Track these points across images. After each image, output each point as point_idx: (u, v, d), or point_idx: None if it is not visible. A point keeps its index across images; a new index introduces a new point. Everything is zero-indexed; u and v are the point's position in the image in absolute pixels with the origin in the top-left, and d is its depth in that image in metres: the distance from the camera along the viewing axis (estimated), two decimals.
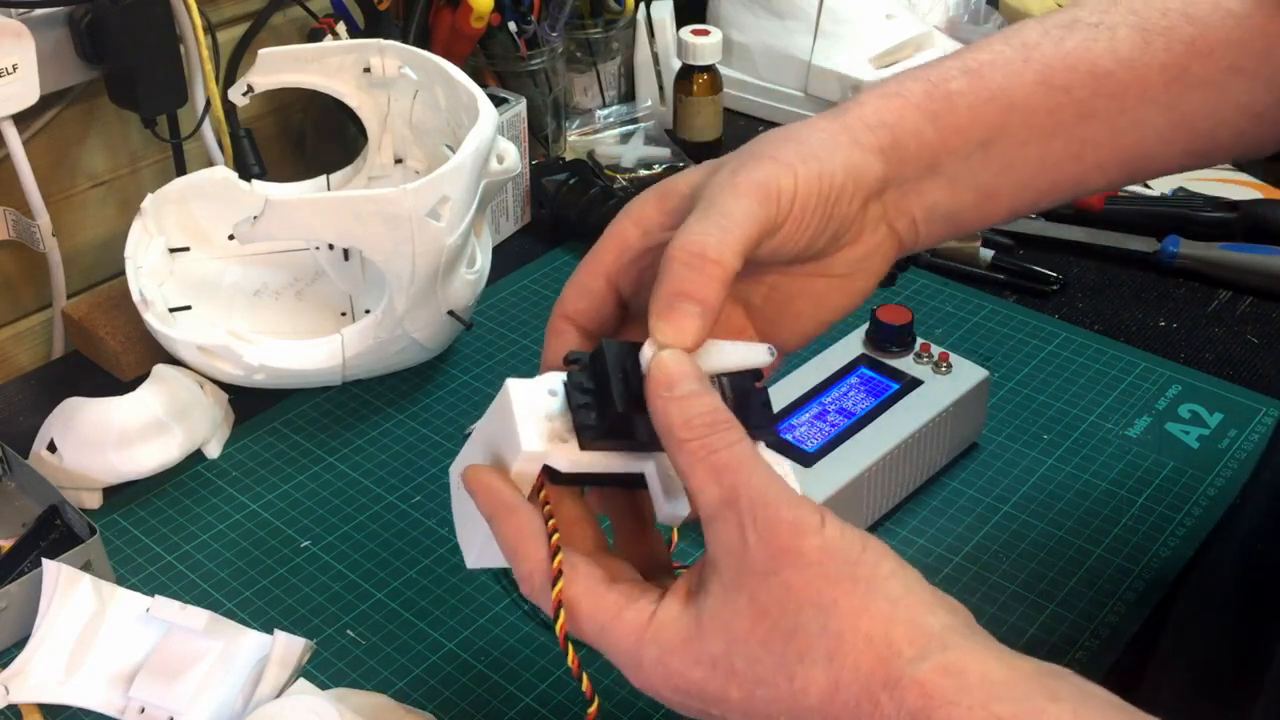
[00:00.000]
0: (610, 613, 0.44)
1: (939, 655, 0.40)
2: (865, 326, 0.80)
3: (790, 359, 0.88)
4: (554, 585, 0.45)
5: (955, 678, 0.39)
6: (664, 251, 0.46)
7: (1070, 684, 0.39)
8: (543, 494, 0.47)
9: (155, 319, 0.82)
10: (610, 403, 0.45)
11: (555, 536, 0.45)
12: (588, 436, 0.46)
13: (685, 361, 0.45)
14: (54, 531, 0.70)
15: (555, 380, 0.47)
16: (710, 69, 1.14)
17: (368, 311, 0.87)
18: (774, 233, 0.48)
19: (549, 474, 0.47)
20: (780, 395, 0.75)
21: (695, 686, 0.43)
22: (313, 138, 1.10)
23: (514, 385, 0.47)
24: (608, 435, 0.45)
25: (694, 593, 0.44)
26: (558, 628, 0.45)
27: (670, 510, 0.47)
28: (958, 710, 0.38)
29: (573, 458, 0.46)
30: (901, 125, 0.52)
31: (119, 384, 0.87)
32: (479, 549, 0.50)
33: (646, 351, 0.45)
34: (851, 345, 0.80)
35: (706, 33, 1.13)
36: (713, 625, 0.43)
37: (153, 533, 0.75)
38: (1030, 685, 0.39)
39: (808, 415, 0.74)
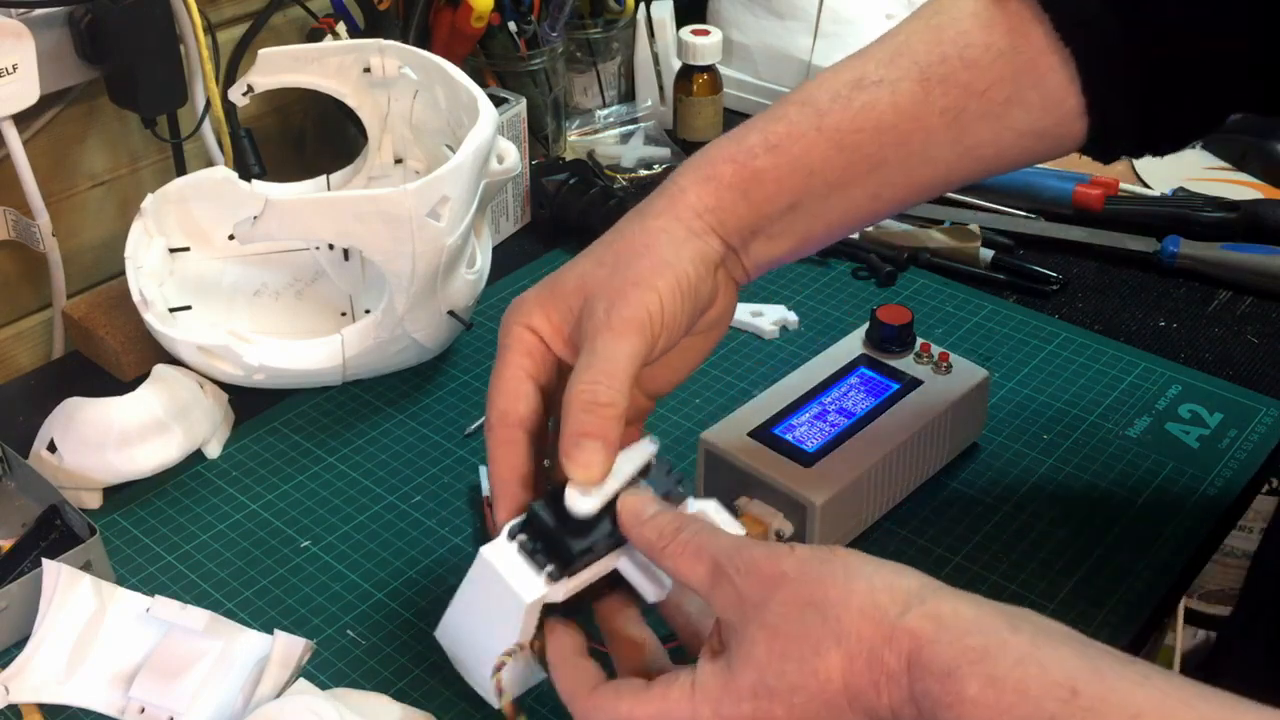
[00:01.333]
0: (658, 701, 0.50)
1: (918, 607, 0.46)
2: (865, 326, 0.80)
3: (791, 359, 0.88)
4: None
5: (934, 620, 0.46)
6: (564, 396, 0.55)
7: (1030, 620, 0.46)
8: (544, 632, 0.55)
9: (155, 319, 0.82)
10: (566, 544, 0.54)
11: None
12: (563, 569, 0.54)
13: (638, 496, 0.54)
14: (54, 531, 0.71)
15: (505, 539, 0.55)
16: (710, 69, 1.14)
17: (368, 311, 0.87)
18: (653, 349, 0.57)
19: (547, 610, 0.55)
20: (780, 395, 0.75)
21: (750, 719, 0.48)
22: (313, 138, 1.10)
23: (489, 551, 0.55)
24: (576, 562, 0.54)
25: (718, 651, 0.50)
26: None
27: (652, 587, 0.55)
28: (938, 646, 0.45)
29: (564, 586, 0.54)
30: (721, 207, 0.60)
31: (119, 384, 0.87)
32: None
33: (569, 495, 0.53)
34: (851, 345, 0.80)
35: (706, 33, 1.13)
36: (741, 663, 0.49)
37: (153, 533, 0.75)
38: (995, 620, 0.45)
39: (808, 415, 0.74)
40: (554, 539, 0.54)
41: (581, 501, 0.54)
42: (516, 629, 0.55)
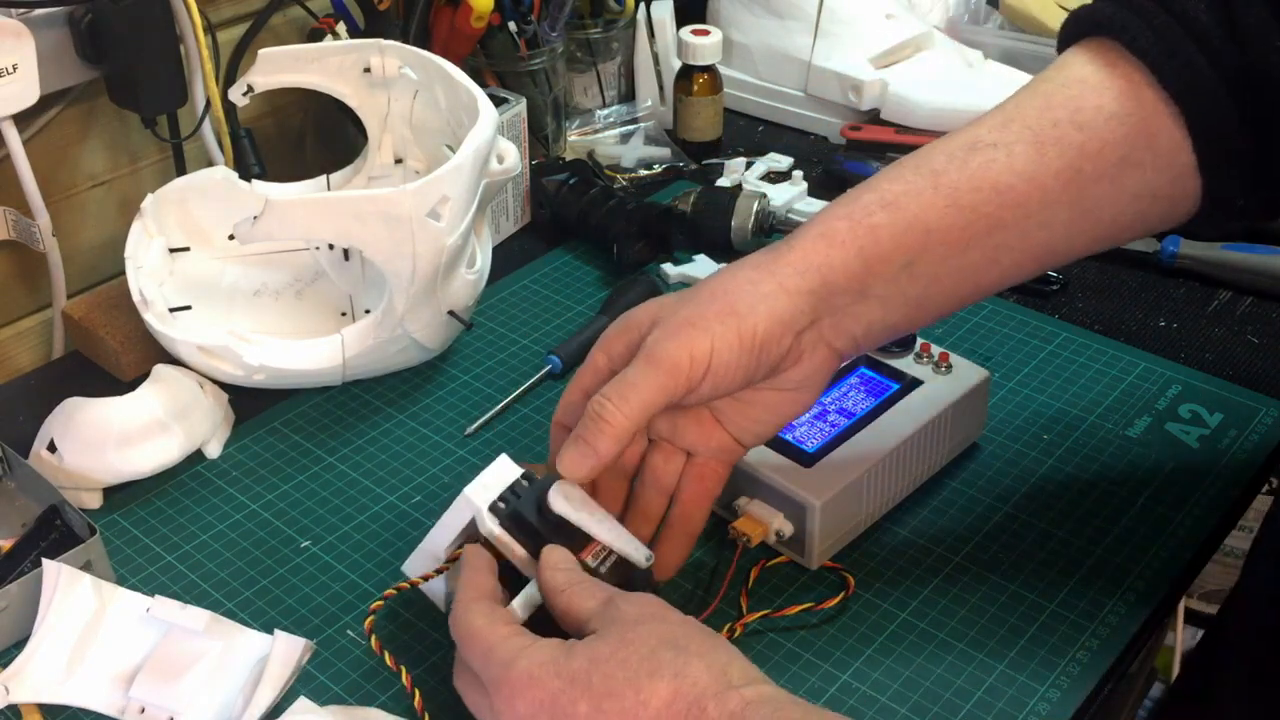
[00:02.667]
0: (496, 638, 0.56)
1: (760, 686, 0.52)
2: None
3: None
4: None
5: (768, 699, 0.51)
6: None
7: None
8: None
9: (155, 319, 0.82)
10: (528, 519, 0.62)
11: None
12: (504, 519, 0.62)
13: (563, 550, 0.60)
14: (54, 531, 0.70)
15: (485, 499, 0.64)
16: (710, 69, 1.14)
17: (368, 311, 0.87)
18: (690, 391, 0.60)
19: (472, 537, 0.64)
20: None
21: (549, 697, 0.52)
22: (313, 138, 1.10)
23: (469, 489, 0.63)
24: (515, 526, 0.62)
25: (571, 642, 0.55)
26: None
27: (517, 614, 0.60)
28: (761, 710, 0.50)
29: (507, 539, 0.62)
30: (829, 265, 0.60)
31: (119, 384, 0.87)
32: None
33: (551, 491, 0.61)
34: None
35: (706, 33, 1.13)
36: (581, 650, 0.53)
37: (153, 533, 0.75)
38: (819, 712, 0.53)
39: (808, 415, 0.74)
40: (525, 512, 0.62)
41: (557, 501, 0.61)
42: (457, 535, 0.64)
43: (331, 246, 0.93)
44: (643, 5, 1.20)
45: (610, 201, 1.00)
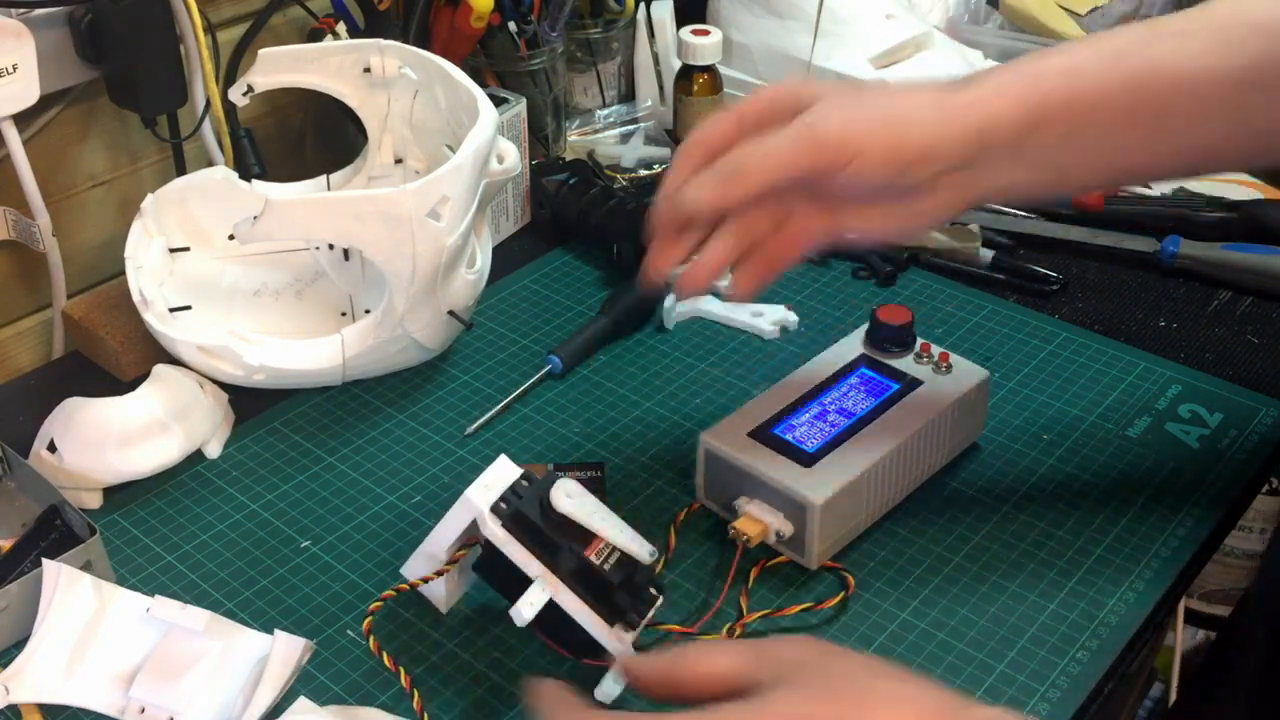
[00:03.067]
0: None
1: (985, 708, 0.52)
2: (865, 326, 0.80)
3: (791, 359, 0.88)
4: None
5: (1001, 715, 0.51)
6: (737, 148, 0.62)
7: None
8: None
9: (155, 319, 0.82)
10: (530, 518, 0.62)
11: None
12: (506, 520, 0.62)
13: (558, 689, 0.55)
14: (54, 531, 0.70)
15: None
16: (710, 69, 1.14)
17: (368, 311, 0.87)
18: (828, 176, 0.61)
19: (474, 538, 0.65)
20: (780, 395, 0.76)
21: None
22: (313, 138, 1.10)
23: (470, 491, 0.63)
24: (517, 526, 0.62)
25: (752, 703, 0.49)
26: None
27: (522, 614, 0.60)
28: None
29: (494, 529, 0.62)
30: (998, 115, 0.61)
31: (119, 384, 0.87)
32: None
33: (555, 491, 0.62)
34: (851, 345, 0.80)
35: (706, 33, 1.13)
36: (778, 704, 0.48)
37: (153, 533, 0.75)
38: None
39: (808, 415, 0.74)
40: (528, 512, 0.62)
41: (560, 499, 0.62)
42: (458, 536, 0.64)
43: (331, 246, 0.93)
44: (643, 5, 1.20)
45: (610, 201, 1.00)
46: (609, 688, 0.61)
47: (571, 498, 0.62)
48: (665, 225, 0.66)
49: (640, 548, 0.62)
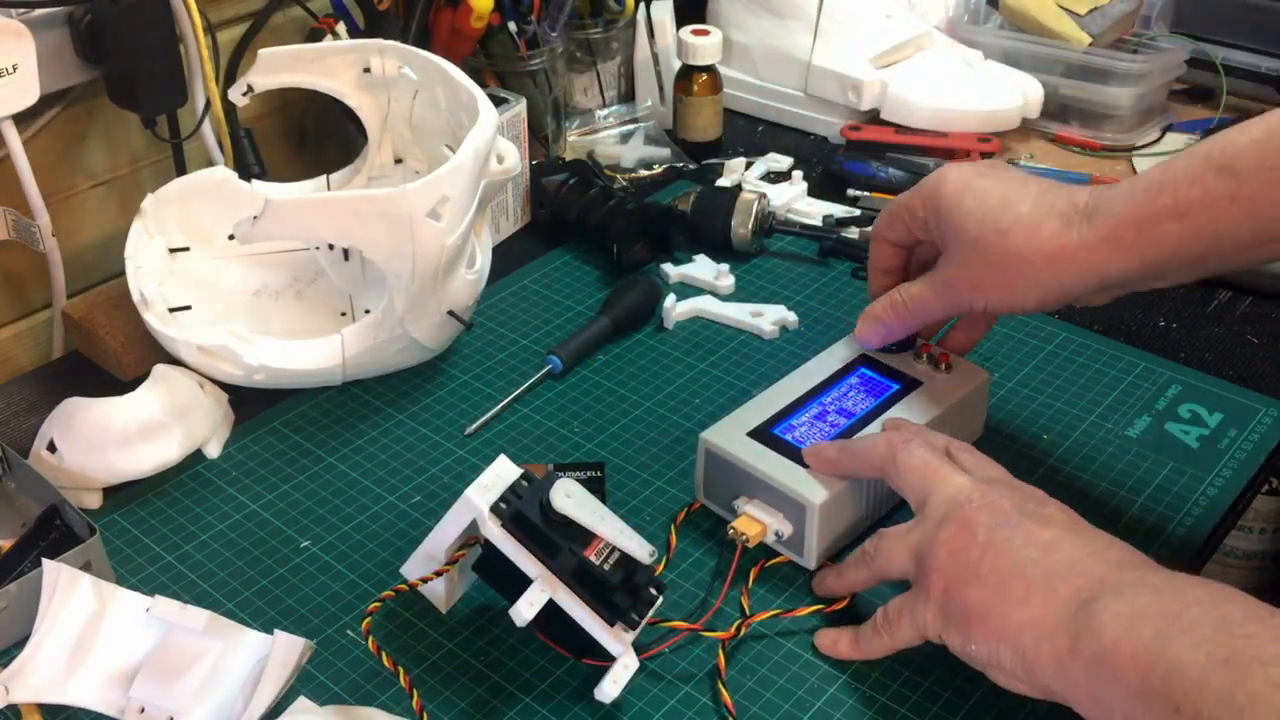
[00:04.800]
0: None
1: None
2: None
3: (791, 359, 0.88)
4: None
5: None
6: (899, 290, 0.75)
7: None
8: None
9: (155, 319, 0.82)
10: (529, 518, 0.62)
11: None
12: (506, 520, 0.62)
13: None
14: (54, 531, 0.70)
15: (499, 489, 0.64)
16: (710, 69, 1.14)
17: (368, 311, 0.87)
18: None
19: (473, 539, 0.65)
20: (780, 395, 0.76)
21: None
22: (313, 138, 1.10)
23: (469, 490, 0.63)
24: (517, 526, 0.62)
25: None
26: None
27: (522, 614, 0.60)
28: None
29: (494, 529, 0.62)
30: (1110, 269, 0.65)
31: (119, 384, 0.87)
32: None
33: (554, 491, 0.62)
34: (851, 345, 0.80)
35: (706, 33, 1.13)
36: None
37: (153, 533, 0.75)
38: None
39: (808, 415, 0.74)
40: (527, 513, 0.62)
41: (560, 499, 0.61)
42: (458, 536, 0.64)
43: (331, 246, 0.93)
44: (643, 5, 1.20)
45: (610, 201, 1.00)
46: (609, 688, 0.61)
47: (571, 497, 0.62)
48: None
49: (640, 548, 0.62)
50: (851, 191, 1.09)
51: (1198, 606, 0.50)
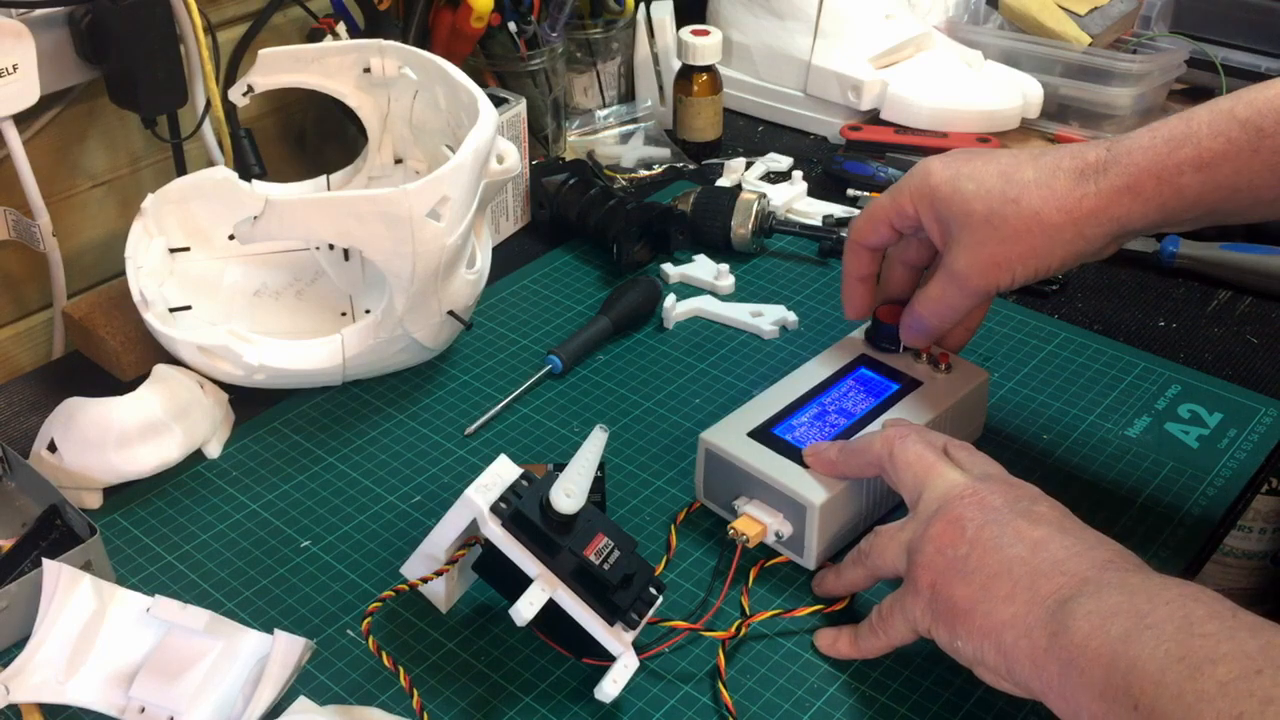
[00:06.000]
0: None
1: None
2: (865, 326, 0.80)
3: (791, 359, 0.88)
4: None
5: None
6: (914, 296, 0.75)
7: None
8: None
9: (155, 319, 0.82)
10: (528, 516, 0.62)
11: None
12: (505, 519, 0.62)
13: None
14: (54, 531, 0.70)
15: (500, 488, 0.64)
16: (710, 69, 1.14)
17: (368, 311, 0.88)
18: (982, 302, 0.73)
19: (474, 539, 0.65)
20: (780, 395, 0.76)
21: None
22: (313, 138, 1.10)
23: (469, 490, 0.63)
24: (517, 526, 0.62)
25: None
26: None
27: (522, 614, 0.60)
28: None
29: (494, 529, 0.62)
30: (1130, 217, 0.65)
31: (119, 384, 0.87)
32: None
33: (554, 491, 0.62)
34: (852, 345, 0.80)
35: (706, 33, 1.13)
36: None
37: (153, 533, 0.75)
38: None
39: (808, 415, 0.74)
40: (527, 512, 0.62)
41: (560, 499, 0.61)
42: (458, 535, 0.64)
43: (331, 246, 0.93)
44: (643, 5, 1.20)
45: (610, 201, 1.00)
46: (609, 688, 0.61)
47: (571, 497, 0.62)
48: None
49: (596, 439, 0.63)
50: (851, 191, 1.10)
51: (1166, 606, 0.50)
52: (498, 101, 0.99)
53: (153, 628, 0.66)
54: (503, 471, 0.64)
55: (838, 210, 1.06)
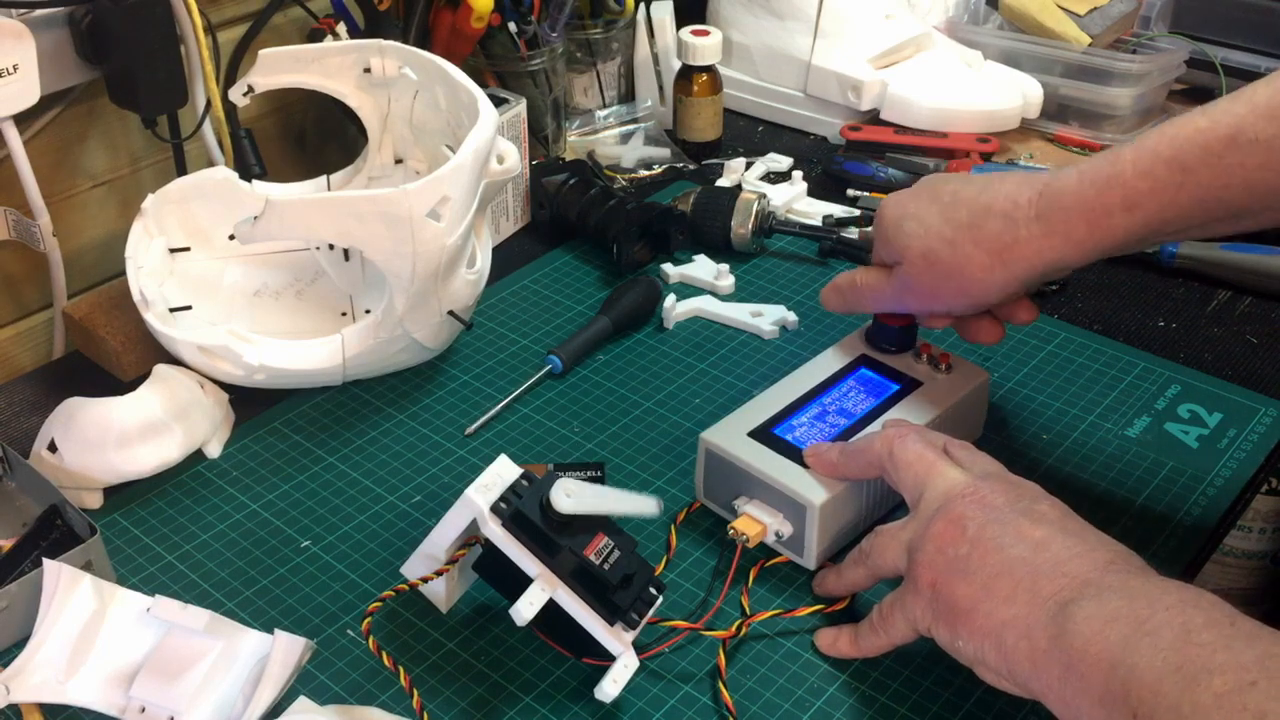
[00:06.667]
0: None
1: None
2: (865, 326, 0.80)
3: (791, 359, 0.88)
4: None
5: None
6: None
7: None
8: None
9: (155, 319, 0.82)
10: (527, 516, 0.62)
11: None
12: (506, 519, 0.62)
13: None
14: (54, 531, 0.71)
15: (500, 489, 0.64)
16: (710, 69, 1.14)
17: (368, 311, 0.88)
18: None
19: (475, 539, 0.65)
20: (780, 395, 0.76)
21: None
22: (313, 138, 1.10)
23: (470, 490, 0.63)
24: (517, 526, 0.62)
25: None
26: None
27: (522, 614, 0.60)
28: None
29: (494, 529, 0.62)
30: (1062, 259, 0.67)
31: (119, 384, 0.87)
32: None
33: (554, 491, 0.62)
34: (852, 345, 0.80)
35: (706, 33, 1.13)
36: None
37: (153, 533, 0.75)
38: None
39: (808, 415, 0.74)
40: (528, 512, 0.62)
41: (560, 499, 0.61)
42: (458, 535, 0.64)
43: (331, 246, 0.93)
44: (643, 5, 1.20)
45: (610, 201, 1.00)
46: (609, 688, 0.61)
47: (571, 497, 0.62)
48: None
49: (648, 506, 0.63)
50: (851, 191, 1.10)
51: (1165, 612, 0.51)
52: (498, 101, 0.99)
53: (153, 628, 0.66)
54: (503, 471, 0.64)
55: (838, 210, 1.06)
